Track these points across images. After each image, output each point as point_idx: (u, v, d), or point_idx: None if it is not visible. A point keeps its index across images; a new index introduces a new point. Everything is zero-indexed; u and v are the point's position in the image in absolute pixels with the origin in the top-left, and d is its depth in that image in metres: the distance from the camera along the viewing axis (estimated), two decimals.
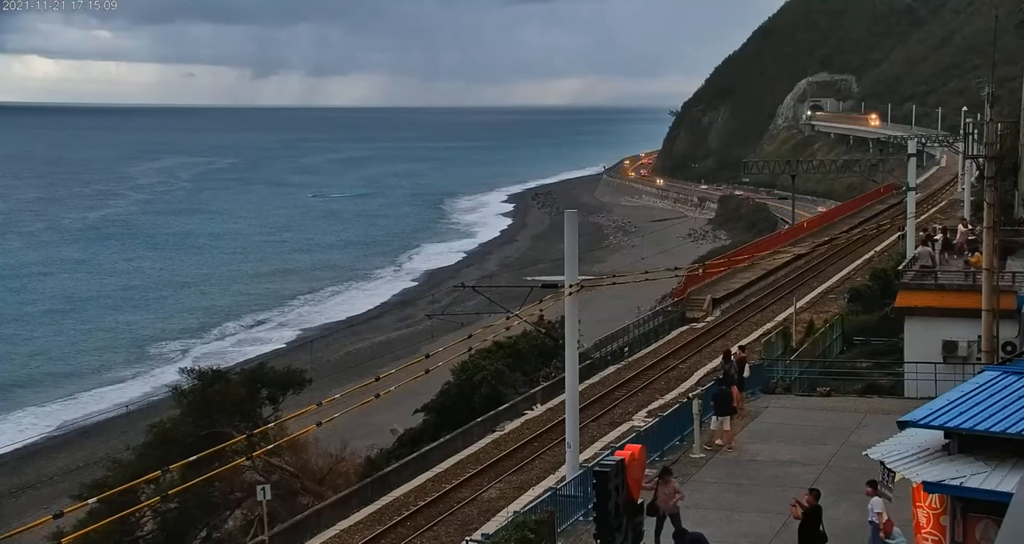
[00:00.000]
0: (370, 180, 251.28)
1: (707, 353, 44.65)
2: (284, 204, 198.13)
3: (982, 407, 15.57)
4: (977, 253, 37.99)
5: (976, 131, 69.60)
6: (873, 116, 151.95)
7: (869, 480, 18.35)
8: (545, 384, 41.52)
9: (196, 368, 38.93)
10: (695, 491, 22.94)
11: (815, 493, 18.80)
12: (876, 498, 17.85)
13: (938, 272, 36.34)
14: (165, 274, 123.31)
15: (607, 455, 18.31)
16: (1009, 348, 29.04)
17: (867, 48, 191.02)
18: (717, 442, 27.41)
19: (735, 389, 28.36)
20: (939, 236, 40.85)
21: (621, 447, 18.60)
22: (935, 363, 32.12)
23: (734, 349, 33.90)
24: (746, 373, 31.31)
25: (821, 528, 18.30)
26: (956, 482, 14.41)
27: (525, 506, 23.33)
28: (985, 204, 29.78)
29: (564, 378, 26.43)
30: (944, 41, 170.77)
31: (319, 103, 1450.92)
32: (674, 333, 50.63)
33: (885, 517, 17.97)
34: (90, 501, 22.35)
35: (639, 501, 17.20)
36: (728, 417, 27.46)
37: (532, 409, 39.46)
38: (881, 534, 18.09)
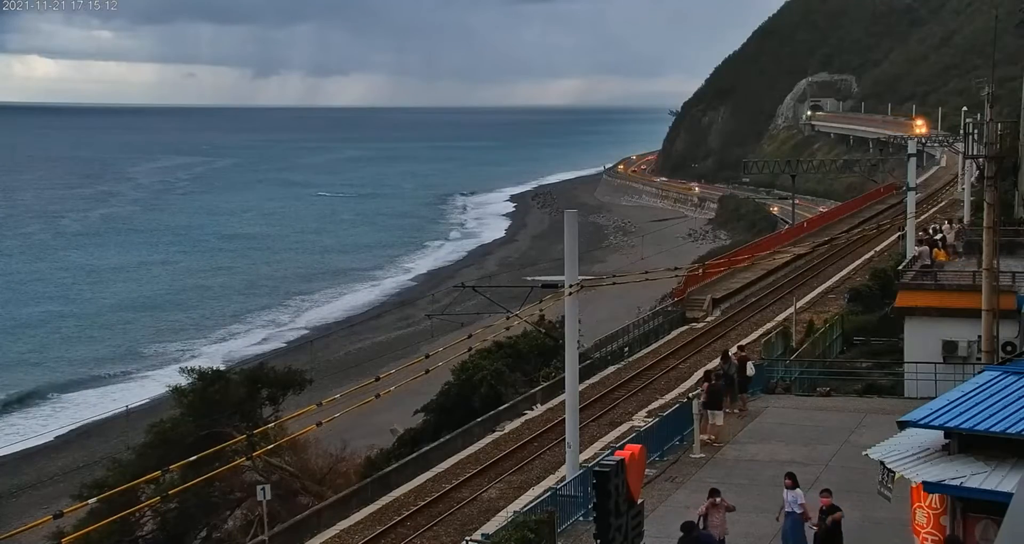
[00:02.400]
0: (370, 180, 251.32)
1: (707, 353, 44.60)
2: (284, 204, 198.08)
3: (982, 407, 15.57)
4: (936, 249, 38.40)
5: (976, 131, 69.63)
6: (920, 122, 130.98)
7: (788, 472, 20.01)
8: (545, 384, 41.48)
9: (196, 368, 38.88)
10: (695, 491, 22.94)
11: (827, 493, 18.77)
12: (798, 490, 19.44)
13: (937, 272, 36.40)
14: (165, 274, 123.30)
15: (607, 455, 18.28)
16: (1009, 348, 29.06)
17: (867, 48, 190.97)
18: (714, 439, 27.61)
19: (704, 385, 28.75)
20: (939, 236, 40.92)
21: (621, 447, 18.57)
22: (935, 363, 32.13)
23: (733, 349, 33.90)
24: (749, 372, 31.07)
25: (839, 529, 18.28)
26: (956, 482, 14.41)
27: (525, 506, 23.32)
28: (985, 204, 29.80)
29: (564, 378, 26.42)
30: (944, 41, 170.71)
31: (320, 103, 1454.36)
32: (674, 333, 50.58)
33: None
34: (90, 501, 22.33)
35: (639, 501, 17.19)
36: (720, 412, 27.73)
37: (532, 409, 39.44)
38: (809, 522, 19.11)
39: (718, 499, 19.33)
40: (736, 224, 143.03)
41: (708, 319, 52.61)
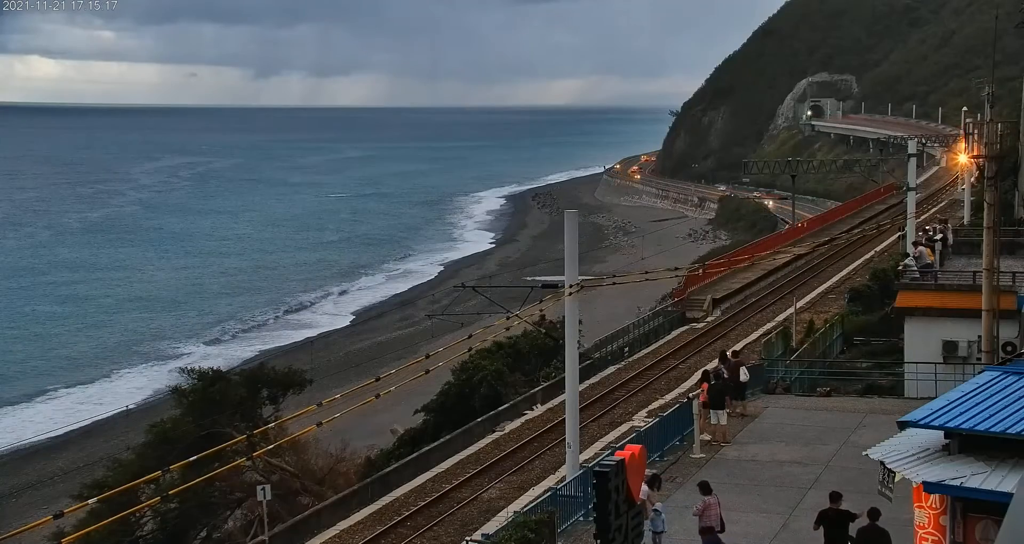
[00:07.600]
0: (371, 180, 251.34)
1: (707, 353, 44.59)
2: (285, 204, 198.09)
3: (982, 407, 15.55)
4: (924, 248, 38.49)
5: (976, 131, 69.60)
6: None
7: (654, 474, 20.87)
8: (545, 384, 41.49)
9: (196, 368, 38.91)
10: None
11: (835, 496, 18.56)
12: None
13: (937, 273, 36.38)
14: (165, 274, 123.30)
15: (607, 455, 18.28)
16: (1009, 348, 29.04)
17: (867, 48, 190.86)
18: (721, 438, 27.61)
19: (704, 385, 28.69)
20: (940, 236, 40.88)
21: (621, 447, 18.58)
22: (935, 363, 32.12)
23: (728, 353, 33.67)
24: (743, 377, 29.93)
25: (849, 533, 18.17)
26: (956, 482, 14.39)
27: (525, 506, 23.34)
28: (985, 204, 29.79)
29: (564, 378, 26.41)
30: (944, 41, 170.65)
31: (321, 103, 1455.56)
32: (674, 333, 50.57)
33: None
34: (90, 501, 22.30)
35: (639, 502, 17.18)
36: (724, 411, 27.70)
37: (532, 409, 39.43)
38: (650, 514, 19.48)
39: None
40: (736, 224, 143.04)
41: (708, 319, 52.59)
